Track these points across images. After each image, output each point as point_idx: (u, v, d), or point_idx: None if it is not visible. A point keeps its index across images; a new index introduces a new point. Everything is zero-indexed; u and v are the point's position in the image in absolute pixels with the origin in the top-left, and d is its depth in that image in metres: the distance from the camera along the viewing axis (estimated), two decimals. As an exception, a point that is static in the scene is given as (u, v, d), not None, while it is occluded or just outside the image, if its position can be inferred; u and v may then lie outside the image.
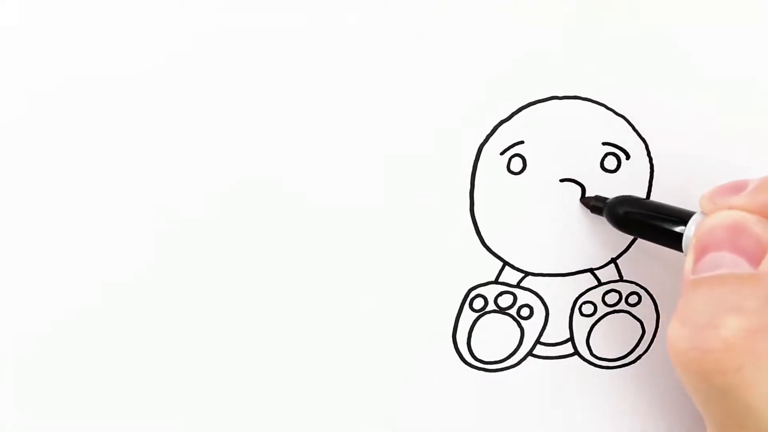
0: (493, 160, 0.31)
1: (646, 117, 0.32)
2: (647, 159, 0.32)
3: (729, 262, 0.24)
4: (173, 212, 0.29)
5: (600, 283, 0.33)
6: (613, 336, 0.33)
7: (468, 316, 0.32)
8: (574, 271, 0.32)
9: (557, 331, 0.33)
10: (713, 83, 0.33)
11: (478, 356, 0.32)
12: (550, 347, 0.33)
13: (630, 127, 0.32)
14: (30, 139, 0.28)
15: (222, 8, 0.28)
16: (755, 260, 0.24)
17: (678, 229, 0.28)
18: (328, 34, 0.29)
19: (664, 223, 0.28)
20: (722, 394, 0.23)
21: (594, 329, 0.33)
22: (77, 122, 0.28)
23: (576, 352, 0.33)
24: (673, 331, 0.24)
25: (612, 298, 0.33)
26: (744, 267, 0.24)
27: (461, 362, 0.32)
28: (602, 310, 0.33)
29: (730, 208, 0.26)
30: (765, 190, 0.25)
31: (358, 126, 0.30)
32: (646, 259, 0.33)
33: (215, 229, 0.29)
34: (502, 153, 0.31)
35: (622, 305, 0.33)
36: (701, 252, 0.25)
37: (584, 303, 0.33)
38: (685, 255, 0.26)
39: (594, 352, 0.33)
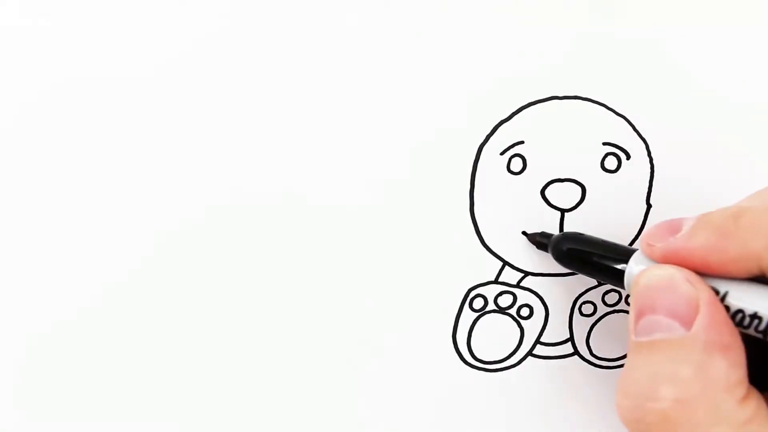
0: (493, 160, 0.31)
1: (647, 117, 0.32)
2: (647, 159, 0.32)
3: (664, 326, 0.24)
4: (173, 212, 0.29)
5: (600, 283, 0.33)
6: (613, 336, 0.33)
7: (468, 316, 0.32)
8: (573, 271, 0.32)
9: (557, 331, 0.33)
10: (713, 83, 0.33)
11: (478, 356, 0.32)
12: (550, 347, 0.33)
13: (630, 127, 0.32)
14: (30, 139, 0.28)
15: (222, 9, 0.28)
16: (688, 322, 0.24)
17: (620, 267, 0.28)
18: (328, 35, 0.29)
19: (607, 261, 0.28)
20: None
21: (594, 329, 0.33)
22: (77, 123, 0.28)
23: (576, 352, 0.33)
24: (618, 401, 0.24)
25: (612, 298, 0.33)
26: (678, 331, 0.24)
27: (461, 362, 0.32)
28: (602, 310, 0.33)
29: (664, 253, 0.26)
30: (698, 232, 0.25)
31: (358, 126, 0.30)
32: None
33: (215, 229, 0.29)
34: (502, 153, 0.31)
35: (622, 305, 0.33)
36: (639, 314, 0.25)
37: (584, 303, 0.33)
38: (628, 291, 0.27)
39: (594, 352, 0.33)
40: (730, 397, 0.23)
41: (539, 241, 0.31)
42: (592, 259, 0.29)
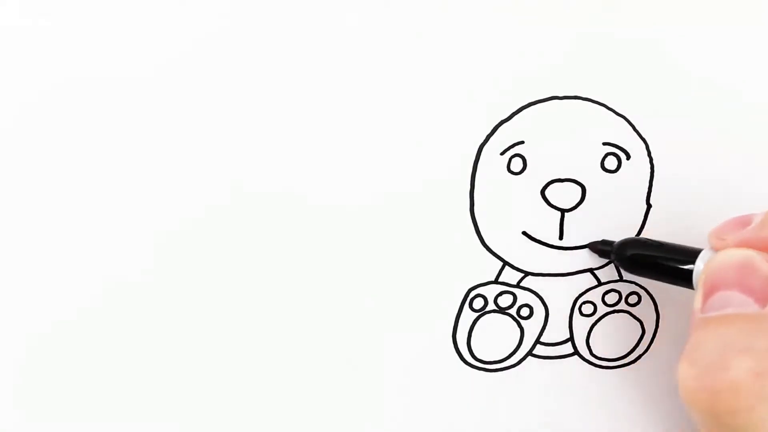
0: (493, 160, 0.31)
1: (647, 117, 0.32)
2: (648, 159, 0.32)
3: (737, 302, 0.24)
4: (173, 212, 0.29)
5: (600, 283, 0.33)
6: (613, 336, 0.33)
7: (468, 316, 0.32)
8: (573, 271, 0.32)
9: (557, 331, 0.33)
10: (713, 83, 0.33)
11: (478, 356, 0.32)
12: (550, 347, 0.33)
13: (630, 127, 0.32)
14: (30, 139, 0.28)
15: (222, 9, 0.28)
16: (764, 300, 0.24)
17: (687, 267, 0.28)
18: (328, 35, 0.29)
19: (674, 263, 0.29)
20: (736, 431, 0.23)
21: (594, 329, 0.33)
22: (77, 123, 0.28)
23: (576, 352, 0.33)
24: (683, 371, 0.24)
25: (612, 297, 0.33)
26: (752, 306, 0.24)
27: (461, 362, 0.32)
28: (602, 310, 0.33)
29: (738, 243, 0.26)
30: None
31: (359, 126, 0.30)
32: (646, 259, 0.33)
33: (215, 229, 0.29)
34: (502, 153, 0.31)
35: (622, 305, 0.33)
36: (710, 291, 0.25)
37: (584, 303, 0.33)
38: (696, 290, 0.27)
39: (594, 352, 0.33)
40: None
41: (601, 249, 0.32)
42: (658, 262, 0.29)
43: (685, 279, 0.28)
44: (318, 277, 0.30)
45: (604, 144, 0.32)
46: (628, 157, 0.32)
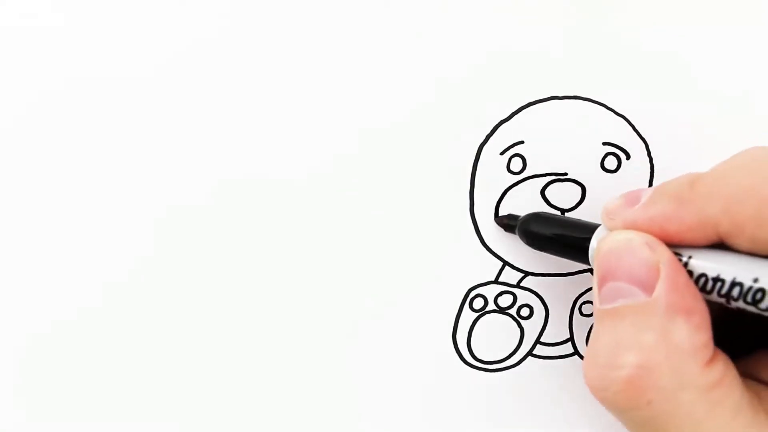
0: (493, 160, 0.31)
1: (646, 117, 0.32)
2: (647, 159, 0.32)
3: (625, 292, 0.24)
4: (173, 212, 0.29)
5: (600, 283, 0.33)
6: (613, 336, 0.33)
7: (468, 316, 0.32)
8: (574, 271, 0.32)
9: (557, 331, 0.33)
10: (713, 83, 0.33)
11: (478, 356, 0.32)
12: (550, 347, 0.33)
13: (630, 127, 0.32)
14: (30, 139, 0.28)
15: (222, 9, 0.28)
16: (649, 287, 0.23)
17: (586, 244, 0.27)
18: (328, 35, 0.29)
19: (572, 239, 0.28)
20: (642, 425, 0.23)
21: (594, 329, 0.33)
22: (77, 122, 0.28)
23: (576, 352, 0.33)
24: (585, 371, 0.24)
25: (612, 298, 0.33)
26: (639, 296, 0.24)
27: (461, 362, 0.32)
28: (602, 310, 0.33)
29: (625, 224, 0.25)
30: (656, 201, 0.25)
31: (359, 126, 0.30)
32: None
33: (216, 229, 0.29)
34: (502, 153, 0.31)
35: (622, 305, 0.33)
36: (602, 281, 0.25)
37: (584, 303, 0.33)
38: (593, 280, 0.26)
39: (594, 352, 0.33)
40: (694, 361, 0.23)
41: (507, 223, 0.31)
42: (557, 238, 0.29)
43: (584, 255, 0.27)
44: (318, 276, 0.30)
45: (604, 144, 0.32)
46: (628, 157, 0.32)
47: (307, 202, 0.30)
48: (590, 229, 0.27)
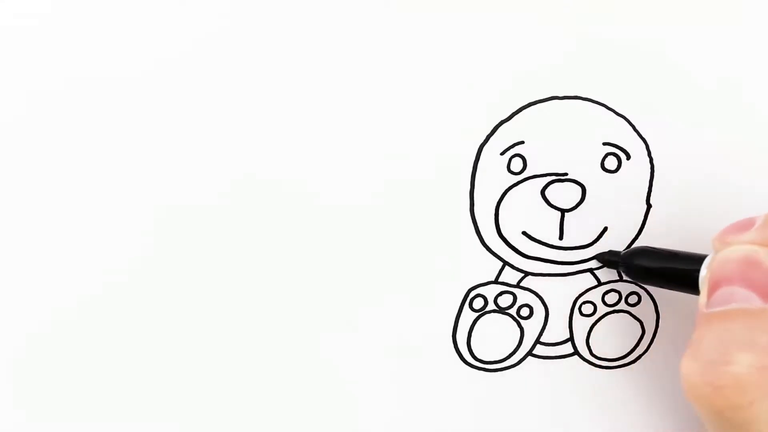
0: (493, 160, 0.31)
1: (647, 117, 0.32)
2: (648, 159, 0.32)
3: (741, 297, 0.24)
4: (174, 212, 0.29)
5: (600, 283, 0.33)
6: (613, 336, 0.33)
7: (468, 316, 0.32)
8: (574, 271, 0.32)
9: (557, 331, 0.33)
10: (713, 83, 0.33)
11: (478, 356, 0.32)
12: (550, 347, 0.33)
13: (630, 127, 0.32)
14: (29, 138, 0.28)
15: (222, 9, 0.28)
16: (767, 295, 0.24)
17: (694, 274, 0.28)
18: (328, 35, 0.29)
19: (680, 272, 0.29)
20: (734, 427, 0.24)
21: (594, 329, 0.33)
22: (77, 122, 0.28)
23: (576, 352, 0.33)
24: (686, 366, 0.24)
25: (612, 298, 0.33)
26: (755, 302, 0.24)
27: (461, 362, 0.32)
28: (602, 310, 0.33)
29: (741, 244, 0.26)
30: None
31: (359, 126, 0.30)
32: (646, 259, 0.33)
33: (216, 230, 0.29)
34: (502, 153, 0.31)
35: (622, 305, 0.33)
36: (714, 286, 0.25)
37: (584, 303, 0.33)
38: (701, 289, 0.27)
39: (594, 352, 0.33)
40: None
41: (609, 260, 0.32)
42: (665, 272, 0.30)
43: (692, 286, 0.28)
44: (318, 276, 0.30)
45: (604, 144, 0.32)
46: (628, 157, 0.32)
47: (307, 202, 0.30)
48: (697, 259, 0.28)
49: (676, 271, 0.29)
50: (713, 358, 0.24)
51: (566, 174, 0.32)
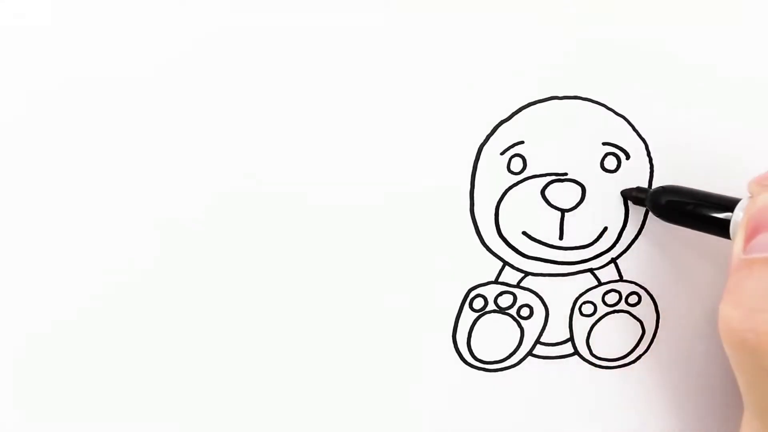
0: (493, 160, 0.31)
1: (646, 117, 0.32)
2: (647, 159, 0.32)
3: None
4: (175, 213, 0.29)
5: (600, 283, 0.33)
6: (613, 336, 0.33)
7: (468, 316, 0.32)
8: (574, 271, 0.33)
9: (557, 331, 0.33)
10: (713, 83, 0.33)
11: (478, 356, 0.32)
12: (550, 347, 0.33)
13: (630, 127, 0.32)
14: (30, 139, 0.28)
15: (222, 9, 0.28)
16: None
17: (724, 215, 0.27)
18: (328, 34, 0.29)
19: (711, 212, 0.28)
20: None
21: (594, 329, 0.33)
22: (77, 122, 0.28)
23: (576, 352, 0.33)
24: (726, 312, 0.24)
25: (612, 298, 0.33)
26: None
27: (461, 362, 0.32)
28: (602, 310, 0.33)
29: None
30: None
31: (359, 126, 0.30)
32: (646, 259, 0.33)
33: (216, 230, 0.29)
34: (502, 153, 0.31)
35: (622, 305, 0.33)
36: (752, 232, 0.25)
37: (584, 303, 0.33)
38: (733, 238, 0.26)
39: (594, 352, 0.33)
40: None
41: (636, 196, 0.31)
42: (695, 211, 0.29)
43: (722, 228, 0.27)
44: (317, 277, 0.30)
45: (604, 144, 0.32)
46: (628, 157, 0.32)
47: (307, 202, 0.30)
48: (731, 202, 0.27)
49: (707, 211, 0.28)
50: (755, 305, 0.23)
51: (566, 174, 0.32)
